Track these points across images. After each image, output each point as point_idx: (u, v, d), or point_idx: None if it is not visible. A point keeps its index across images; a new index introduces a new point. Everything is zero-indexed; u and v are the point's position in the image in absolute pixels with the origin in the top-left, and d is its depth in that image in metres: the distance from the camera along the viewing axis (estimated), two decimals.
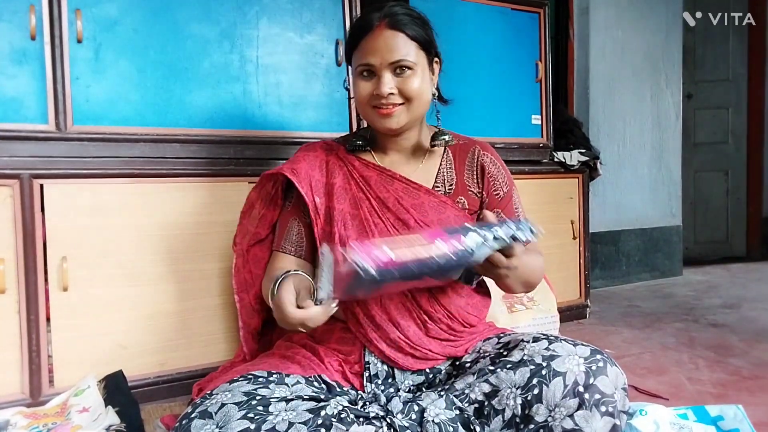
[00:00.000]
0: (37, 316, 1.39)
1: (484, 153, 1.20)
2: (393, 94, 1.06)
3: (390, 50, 1.05)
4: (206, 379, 1.30)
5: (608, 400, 0.88)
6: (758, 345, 2.02)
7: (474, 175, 1.19)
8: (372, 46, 1.05)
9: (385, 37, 1.05)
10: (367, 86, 1.07)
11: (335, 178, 1.14)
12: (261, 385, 0.93)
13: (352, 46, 1.10)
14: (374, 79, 1.07)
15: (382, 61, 1.05)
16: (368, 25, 1.06)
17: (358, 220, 1.10)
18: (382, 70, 1.05)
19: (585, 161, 2.43)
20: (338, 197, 1.12)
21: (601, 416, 0.87)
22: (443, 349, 1.07)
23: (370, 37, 1.06)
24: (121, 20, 1.52)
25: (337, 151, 1.19)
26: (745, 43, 3.95)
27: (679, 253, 3.49)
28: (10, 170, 1.37)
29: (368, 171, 1.15)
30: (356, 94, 1.10)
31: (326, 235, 1.11)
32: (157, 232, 1.52)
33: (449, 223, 1.12)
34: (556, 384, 0.89)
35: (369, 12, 1.08)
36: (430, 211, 1.12)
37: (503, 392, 0.92)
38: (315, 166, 1.16)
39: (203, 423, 0.83)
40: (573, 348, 0.93)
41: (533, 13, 2.25)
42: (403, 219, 1.10)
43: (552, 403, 0.88)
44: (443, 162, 1.19)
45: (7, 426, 1.25)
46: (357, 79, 1.09)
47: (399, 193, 1.12)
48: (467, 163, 1.19)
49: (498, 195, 1.18)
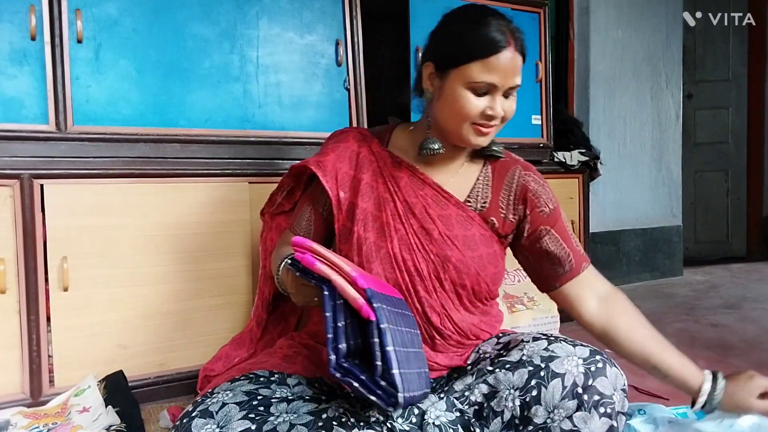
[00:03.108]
0: (37, 316, 1.39)
1: (526, 173, 1.14)
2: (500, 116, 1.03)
3: (514, 75, 1.00)
4: (215, 357, 1.30)
5: (607, 401, 0.87)
6: (758, 345, 2.02)
7: (511, 197, 1.12)
8: (501, 66, 0.99)
9: (513, 60, 1.00)
10: (479, 103, 1.00)
11: (364, 173, 1.10)
12: (262, 385, 0.92)
13: (469, 58, 0.99)
14: (486, 98, 1.01)
15: (504, 83, 1.00)
16: (500, 43, 0.98)
17: (379, 223, 1.06)
18: (499, 92, 1.01)
19: (585, 161, 2.43)
20: (363, 194, 1.08)
21: (600, 417, 0.86)
22: (450, 361, 1.06)
23: (500, 55, 0.98)
24: (121, 20, 1.52)
25: (370, 143, 1.13)
26: (745, 43, 3.95)
27: (679, 253, 3.49)
28: (10, 170, 1.37)
29: (400, 170, 1.10)
30: (461, 106, 1.00)
31: (346, 231, 1.08)
32: (157, 232, 1.52)
33: (474, 241, 1.07)
34: (555, 385, 0.88)
35: (493, 24, 1.00)
36: (456, 225, 1.07)
37: (502, 393, 0.91)
38: (344, 157, 1.11)
39: (204, 422, 0.83)
40: (572, 349, 0.92)
41: (533, 13, 2.25)
42: (427, 229, 1.06)
43: (551, 404, 0.87)
44: (480, 177, 1.13)
45: (8, 426, 1.25)
46: (466, 92, 1.00)
47: (428, 200, 1.07)
48: (505, 182, 1.13)
49: (543, 212, 1.12)
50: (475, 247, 1.07)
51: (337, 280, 0.80)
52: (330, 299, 0.80)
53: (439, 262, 1.04)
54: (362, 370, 0.79)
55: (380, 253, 1.04)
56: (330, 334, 0.79)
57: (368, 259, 1.04)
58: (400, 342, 0.80)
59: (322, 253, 0.83)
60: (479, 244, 1.08)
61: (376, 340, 0.77)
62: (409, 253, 1.04)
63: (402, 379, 0.76)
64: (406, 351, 0.81)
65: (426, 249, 1.05)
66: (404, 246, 1.04)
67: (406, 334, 0.84)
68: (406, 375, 0.78)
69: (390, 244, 1.04)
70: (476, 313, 1.09)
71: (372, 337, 0.77)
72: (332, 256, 0.83)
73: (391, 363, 0.76)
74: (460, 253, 1.05)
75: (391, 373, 0.75)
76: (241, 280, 1.63)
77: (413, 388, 0.79)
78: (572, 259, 1.12)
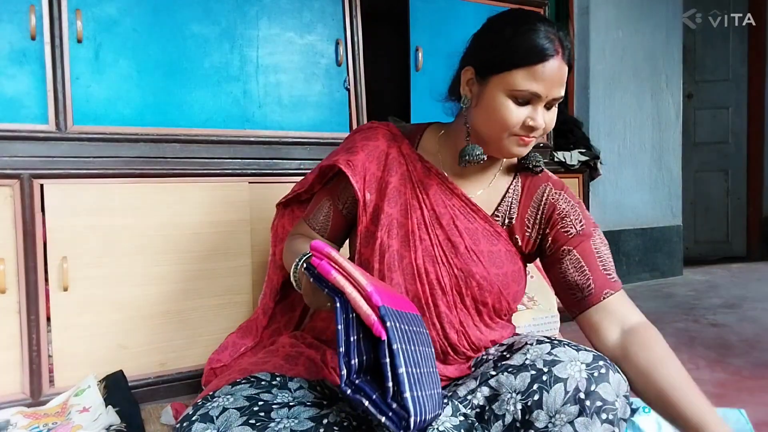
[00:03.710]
0: (37, 316, 1.39)
1: (557, 191, 1.07)
2: None
3: (559, 85, 0.95)
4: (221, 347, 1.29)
5: (609, 407, 0.86)
6: (758, 345, 2.02)
7: (537, 215, 1.06)
8: (546, 75, 0.93)
9: (560, 70, 0.94)
10: (521, 113, 0.95)
11: (392, 175, 1.04)
12: (263, 389, 0.92)
13: (514, 64, 0.94)
14: (528, 108, 0.95)
15: (549, 94, 0.95)
16: (548, 52, 0.93)
17: (404, 230, 1.02)
18: (542, 102, 0.95)
19: (585, 161, 2.43)
20: (390, 199, 1.03)
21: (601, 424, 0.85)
22: (459, 372, 1.04)
23: (546, 65, 0.93)
24: (121, 20, 1.52)
25: (400, 144, 1.08)
26: (745, 43, 3.95)
27: (679, 253, 3.49)
28: (10, 170, 1.37)
29: (429, 177, 1.05)
30: (503, 115, 0.95)
31: (369, 234, 1.03)
32: (157, 232, 1.52)
33: (499, 258, 1.03)
34: (557, 390, 0.87)
35: (542, 31, 0.94)
36: (483, 240, 1.03)
37: (503, 397, 0.90)
38: (373, 157, 1.06)
39: (204, 427, 0.82)
40: (575, 353, 0.90)
41: None
42: (454, 242, 1.01)
43: (552, 409, 0.86)
44: (510, 190, 1.08)
45: (8, 426, 1.25)
46: (507, 100, 0.95)
47: (455, 211, 1.03)
48: (534, 199, 1.07)
49: (568, 233, 1.03)
50: (501, 265, 1.04)
51: (351, 293, 0.77)
52: (342, 312, 0.78)
53: (462, 277, 1.01)
54: (374, 389, 0.76)
55: (403, 263, 1.01)
56: (341, 347, 0.77)
57: (390, 268, 1.01)
58: (412, 362, 0.77)
59: (339, 262, 0.80)
60: (505, 261, 1.04)
61: (387, 361, 0.74)
62: (433, 266, 1.01)
63: (414, 402, 0.73)
64: (419, 372, 0.78)
65: (450, 263, 1.01)
66: (428, 258, 1.01)
67: (421, 354, 0.81)
68: (419, 397, 0.75)
69: (414, 254, 1.01)
70: (495, 328, 1.07)
71: (383, 358, 0.75)
72: (349, 267, 0.80)
73: (404, 386, 0.73)
74: (485, 270, 1.02)
75: (404, 396, 0.73)
76: (241, 280, 1.63)
77: (426, 410, 0.76)
78: (592, 285, 1.01)
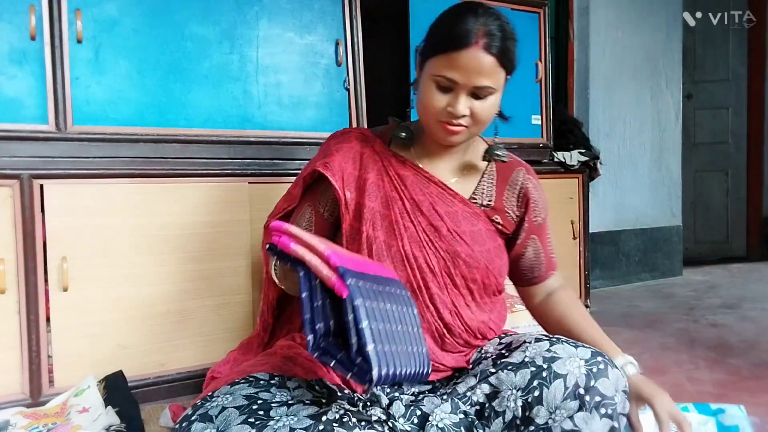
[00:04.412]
0: (37, 316, 1.39)
1: (529, 177, 1.15)
2: (465, 116, 1.00)
3: (478, 74, 0.97)
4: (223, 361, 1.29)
5: (608, 402, 0.87)
6: (758, 345, 2.02)
7: (514, 197, 1.13)
8: (462, 63, 0.96)
9: (478, 59, 0.96)
10: (442, 100, 0.99)
11: (368, 172, 1.09)
12: (262, 388, 0.92)
13: (437, 50, 0.99)
14: (450, 95, 0.99)
15: (467, 82, 0.97)
16: (464, 40, 0.95)
17: (388, 221, 1.06)
18: (462, 90, 0.98)
19: (585, 161, 2.43)
20: (370, 194, 1.07)
21: (601, 418, 0.87)
22: (456, 362, 1.05)
23: (462, 53, 0.96)
24: (121, 20, 1.52)
25: (373, 143, 1.12)
26: (745, 43, 3.95)
27: (679, 253, 3.49)
28: (10, 170, 1.37)
29: (405, 169, 1.09)
30: (426, 100, 1.00)
31: (354, 232, 1.06)
32: (157, 232, 1.52)
33: (481, 236, 1.07)
34: (557, 386, 0.88)
35: (466, 20, 0.97)
36: (463, 222, 1.07)
37: (504, 394, 0.91)
38: (348, 158, 1.10)
39: (203, 426, 0.82)
40: (574, 350, 0.92)
41: (533, 13, 2.25)
42: (436, 226, 1.06)
43: (552, 405, 0.87)
44: (485, 175, 1.14)
45: (7, 426, 1.25)
46: (431, 86, 0.99)
47: (434, 198, 1.07)
48: (510, 183, 1.14)
49: (536, 221, 1.14)
50: (483, 242, 1.08)
51: (311, 260, 0.77)
52: (306, 280, 0.78)
53: (449, 258, 1.05)
54: (340, 349, 0.77)
55: (391, 251, 1.04)
56: (307, 314, 0.77)
57: (379, 258, 1.03)
58: (380, 318, 0.77)
59: (297, 234, 0.80)
60: (486, 238, 1.09)
61: (350, 318, 0.74)
62: (420, 251, 1.04)
63: (378, 355, 0.73)
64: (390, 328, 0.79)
65: (436, 246, 1.05)
66: (414, 243, 1.04)
67: (392, 312, 0.81)
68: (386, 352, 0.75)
69: (400, 242, 1.04)
70: (485, 309, 1.10)
71: (346, 315, 0.75)
72: (308, 237, 0.80)
73: (365, 339, 0.73)
74: (469, 248, 1.05)
75: (365, 350, 0.73)
76: (241, 280, 1.63)
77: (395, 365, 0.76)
78: (543, 268, 1.17)
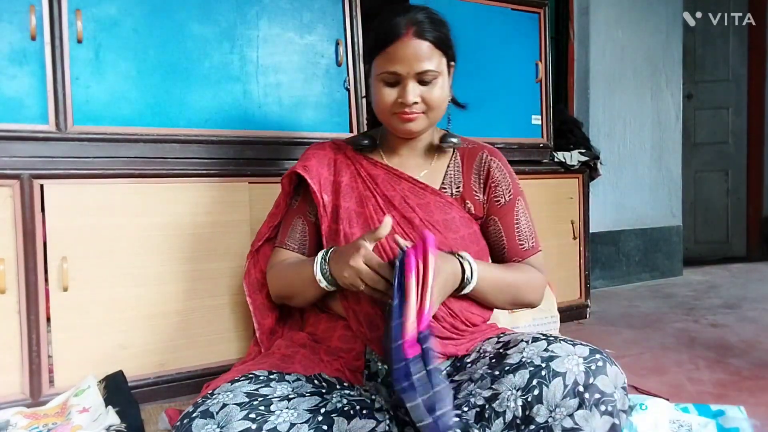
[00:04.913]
0: (37, 316, 1.39)
1: (492, 158, 1.20)
2: (417, 102, 1.07)
3: (417, 60, 1.04)
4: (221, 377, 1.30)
5: (608, 399, 0.88)
6: (758, 345, 2.02)
7: (480, 180, 1.19)
8: (399, 54, 1.04)
9: (413, 46, 1.04)
10: (391, 93, 1.07)
11: (342, 176, 1.16)
12: (262, 384, 0.93)
13: (375, 51, 1.08)
14: (398, 87, 1.07)
15: (409, 70, 1.05)
16: (395, 33, 1.04)
17: (363, 218, 1.12)
18: (408, 79, 1.05)
19: (585, 161, 2.43)
20: (344, 195, 1.14)
21: (601, 415, 0.87)
22: (445, 348, 1.07)
23: (396, 45, 1.04)
24: (121, 20, 1.52)
25: (345, 150, 1.21)
26: (745, 43, 3.95)
27: (679, 253, 3.49)
28: (10, 170, 1.37)
29: (375, 169, 1.17)
30: (378, 99, 1.09)
31: (332, 232, 1.13)
32: (157, 232, 1.52)
33: (454, 224, 1.13)
34: (556, 384, 0.88)
35: (394, 17, 1.06)
36: (436, 211, 1.13)
37: (503, 395, 0.91)
38: (324, 164, 1.18)
39: (204, 422, 0.83)
40: (572, 348, 0.93)
41: (533, 13, 2.25)
42: (409, 217, 1.11)
43: (552, 403, 0.88)
44: (451, 164, 1.20)
45: (7, 426, 1.25)
46: (379, 85, 1.08)
47: (405, 192, 1.14)
48: (474, 167, 1.20)
49: (498, 202, 1.19)
50: (456, 229, 1.13)
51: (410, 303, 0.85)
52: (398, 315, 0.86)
53: None
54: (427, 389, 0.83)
55: None
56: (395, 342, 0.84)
57: None
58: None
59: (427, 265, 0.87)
60: (459, 226, 1.14)
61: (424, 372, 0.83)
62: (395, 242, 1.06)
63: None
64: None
65: (410, 236, 1.09)
66: (389, 236, 1.06)
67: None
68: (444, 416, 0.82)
69: None
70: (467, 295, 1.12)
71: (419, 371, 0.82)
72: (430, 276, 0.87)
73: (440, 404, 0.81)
74: (442, 236, 1.10)
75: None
76: (240, 281, 1.62)
77: None
78: (506, 251, 1.19)
